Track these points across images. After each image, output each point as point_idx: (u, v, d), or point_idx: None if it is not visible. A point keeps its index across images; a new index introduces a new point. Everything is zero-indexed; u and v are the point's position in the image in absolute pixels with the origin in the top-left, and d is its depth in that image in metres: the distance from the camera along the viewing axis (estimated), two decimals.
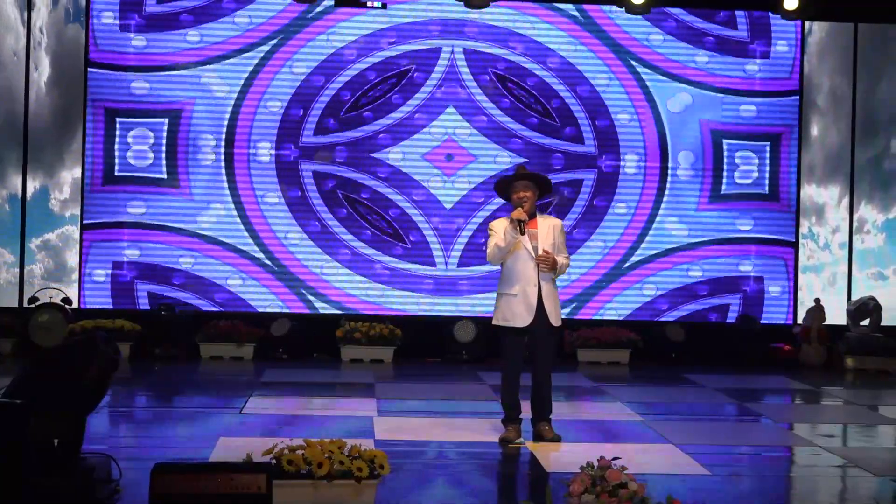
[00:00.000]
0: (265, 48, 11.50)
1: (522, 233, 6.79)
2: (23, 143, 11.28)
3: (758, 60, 11.84)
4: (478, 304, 11.61)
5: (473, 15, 11.62)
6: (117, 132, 11.34)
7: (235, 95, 11.47)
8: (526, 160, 11.46)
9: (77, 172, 11.36)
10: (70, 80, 11.30)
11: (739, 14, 11.87)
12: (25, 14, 11.15)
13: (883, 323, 11.56)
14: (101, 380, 5.20)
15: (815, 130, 11.94)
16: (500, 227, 6.94)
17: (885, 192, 12.07)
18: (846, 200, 12.00)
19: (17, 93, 11.25)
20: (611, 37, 11.80)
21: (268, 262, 11.50)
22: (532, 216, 6.97)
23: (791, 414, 9.07)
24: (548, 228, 6.97)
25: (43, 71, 11.24)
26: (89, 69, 11.32)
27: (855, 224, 12.02)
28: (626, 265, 11.79)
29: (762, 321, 11.86)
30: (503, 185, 7.10)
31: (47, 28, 11.24)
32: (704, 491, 5.80)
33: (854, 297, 11.88)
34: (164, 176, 11.40)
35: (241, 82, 11.47)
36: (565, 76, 11.76)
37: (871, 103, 11.98)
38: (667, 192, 11.79)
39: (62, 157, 11.36)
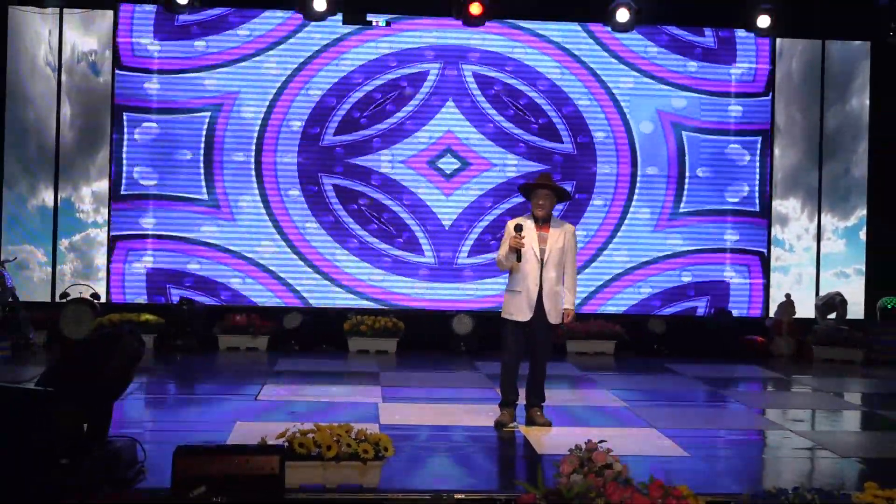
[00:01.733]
0: (284, 75, 11.61)
1: (518, 260, 6.85)
2: (54, 160, 11.40)
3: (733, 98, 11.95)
4: (476, 300, 11.65)
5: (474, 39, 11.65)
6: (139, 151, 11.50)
7: (261, 119, 11.52)
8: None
9: (97, 186, 11.45)
10: (93, 110, 11.46)
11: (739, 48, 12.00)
12: (56, 57, 11.40)
13: (848, 316, 11.57)
14: (124, 370, 5.19)
15: (775, 151, 12.03)
16: (513, 228, 6.96)
17: (845, 204, 12.14)
18: (806, 212, 12.10)
19: (45, 123, 11.41)
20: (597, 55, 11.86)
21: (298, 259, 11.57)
22: (546, 221, 7.00)
23: (763, 400, 9.07)
24: (559, 233, 6.98)
25: (69, 104, 11.44)
26: (116, 90, 11.41)
27: (823, 231, 12.11)
28: (620, 271, 11.85)
29: (739, 315, 11.88)
30: (527, 188, 7.14)
31: (72, 70, 11.43)
32: (684, 471, 5.81)
33: (821, 294, 11.90)
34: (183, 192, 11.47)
35: (265, 106, 11.57)
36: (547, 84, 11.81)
37: (820, 130, 12.15)
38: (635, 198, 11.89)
39: (87, 174, 11.46)
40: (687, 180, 11.91)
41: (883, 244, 12.02)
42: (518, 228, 6.85)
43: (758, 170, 12.01)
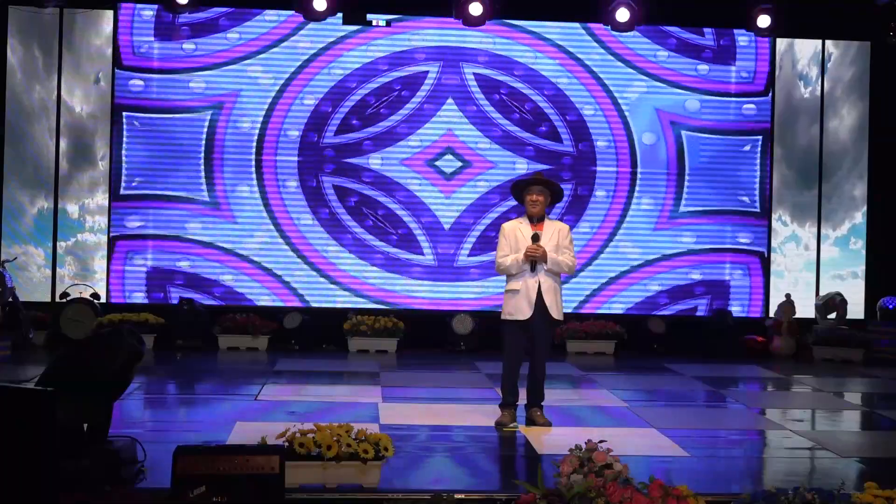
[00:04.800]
0: (284, 77, 11.62)
1: (533, 269, 6.86)
2: (55, 160, 11.43)
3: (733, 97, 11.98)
4: (476, 300, 11.64)
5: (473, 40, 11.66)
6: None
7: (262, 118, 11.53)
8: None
9: (97, 186, 11.49)
10: (92, 110, 11.52)
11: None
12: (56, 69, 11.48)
13: (848, 316, 11.57)
14: (126, 369, 5.19)
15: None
16: (511, 231, 6.98)
17: (835, 216, 12.19)
18: (797, 222, 12.13)
19: (44, 124, 11.45)
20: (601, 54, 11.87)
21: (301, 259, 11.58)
22: (540, 219, 7.00)
23: (763, 400, 9.07)
24: (552, 231, 6.99)
25: (68, 105, 11.49)
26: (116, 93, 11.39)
27: (812, 239, 12.15)
28: (623, 271, 11.86)
29: (740, 315, 11.87)
30: (519, 187, 7.13)
31: (71, 92, 11.51)
32: (684, 471, 5.80)
33: (821, 294, 11.90)
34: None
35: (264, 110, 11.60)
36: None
37: (820, 139, 12.18)
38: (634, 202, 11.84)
39: (87, 174, 11.50)
40: (687, 180, 11.91)
41: (883, 245, 12.03)
42: (535, 238, 6.86)
43: (758, 169, 12.01)
